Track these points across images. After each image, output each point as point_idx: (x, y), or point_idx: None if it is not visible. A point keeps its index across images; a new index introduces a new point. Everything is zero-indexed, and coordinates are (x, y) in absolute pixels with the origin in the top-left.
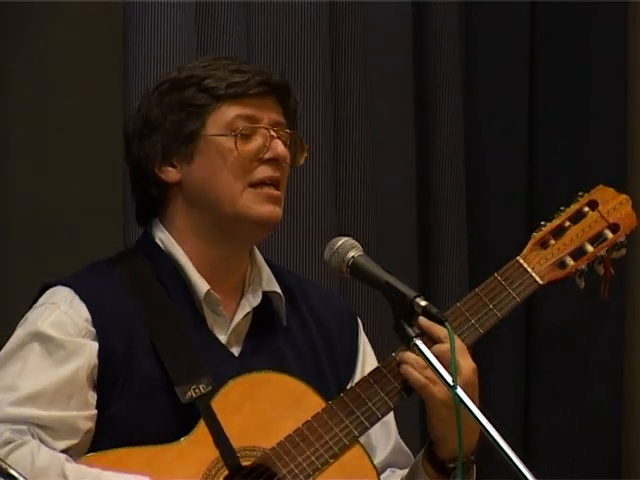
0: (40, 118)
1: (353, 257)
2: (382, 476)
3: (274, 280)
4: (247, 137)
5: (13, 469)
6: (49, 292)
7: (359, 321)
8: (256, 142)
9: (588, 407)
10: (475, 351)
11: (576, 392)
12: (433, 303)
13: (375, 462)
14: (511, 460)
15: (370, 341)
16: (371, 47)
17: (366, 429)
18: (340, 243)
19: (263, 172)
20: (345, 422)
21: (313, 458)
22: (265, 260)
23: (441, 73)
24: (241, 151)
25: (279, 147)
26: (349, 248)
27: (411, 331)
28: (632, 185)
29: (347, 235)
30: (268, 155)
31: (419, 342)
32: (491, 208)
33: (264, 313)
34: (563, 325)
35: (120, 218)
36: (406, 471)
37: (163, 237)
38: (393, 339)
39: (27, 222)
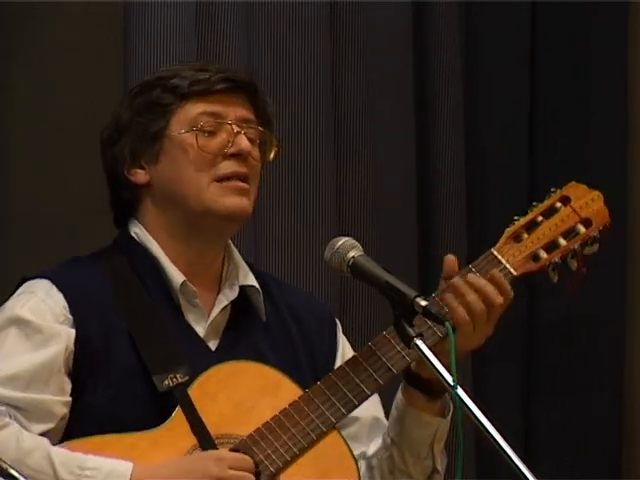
0: (40, 118)
1: (353, 257)
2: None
3: (251, 275)
4: (211, 133)
5: (13, 469)
6: (27, 283)
7: (338, 322)
8: (220, 138)
9: (588, 406)
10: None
11: (576, 391)
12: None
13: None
14: (511, 460)
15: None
16: (371, 47)
17: (343, 416)
18: (340, 243)
19: (227, 167)
20: (322, 409)
21: (290, 444)
22: (245, 261)
23: (441, 73)
24: (202, 145)
25: (243, 142)
26: (349, 248)
27: (411, 331)
28: (632, 185)
29: (347, 235)
30: (232, 150)
31: (419, 342)
32: (491, 208)
33: (243, 308)
34: (563, 323)
35: None
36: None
37: (138, 231)
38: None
39: (27, 222)
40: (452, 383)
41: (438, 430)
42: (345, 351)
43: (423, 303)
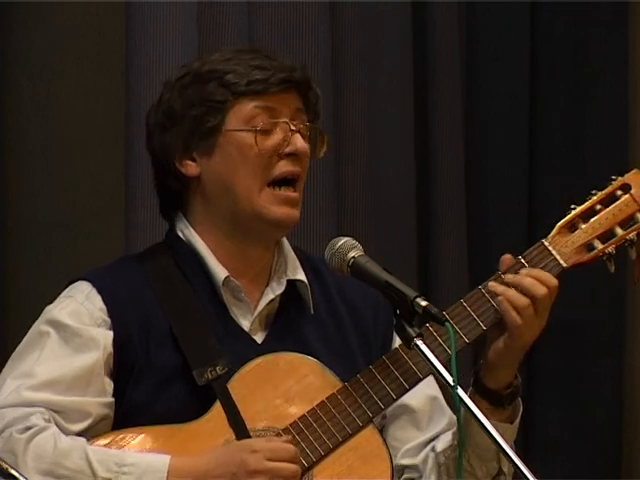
0: (40, 118)
1: (354, 257)
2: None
3: (300, 269)
4: (267, 132)
5: (13, 469)
6: (69, 287)
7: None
8: (276, 136)
9: (589, 406)
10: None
11: (577, 391)
12: (433, 303)
13: (430, 434)
14: (512, 460)
15: None
16: (371, 47)
17: (380, 410)
18: (340, 243)
19: (283, 167)
20: (359, 403)
21: (325, 438)
22: (299, 250)
23: (441, 73)
24: (261, 146)
25: (299, 142)
26: (349, 248)
27: (411, 331)
28: None
29: (347, 235)
30: (288, 150)
31: (419, 342)
32: (491, 206)
33: (292, 301)
34: (564, 322)
35: (121, 218)
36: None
37: (184, 229)
38: None
39: (27, 222)
40: (452, 383)
41: (503, 435)
42: None
43: (423, 303)
